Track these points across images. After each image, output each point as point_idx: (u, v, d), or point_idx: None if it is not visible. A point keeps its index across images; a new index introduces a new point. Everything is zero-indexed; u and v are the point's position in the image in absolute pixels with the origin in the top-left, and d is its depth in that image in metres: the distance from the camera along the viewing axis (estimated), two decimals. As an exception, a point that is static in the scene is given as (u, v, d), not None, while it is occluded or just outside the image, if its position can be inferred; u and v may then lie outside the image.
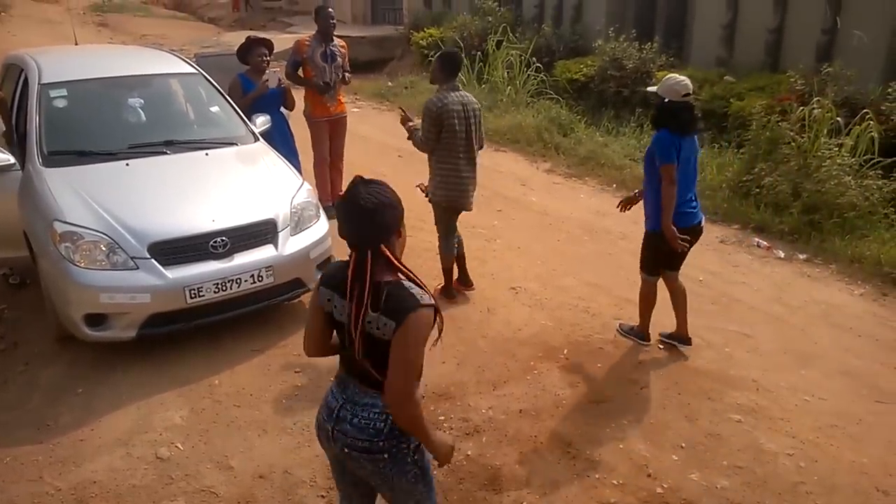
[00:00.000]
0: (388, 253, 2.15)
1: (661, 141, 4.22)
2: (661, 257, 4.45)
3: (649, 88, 4.67)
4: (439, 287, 5.21)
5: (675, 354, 4.52)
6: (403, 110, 5.14)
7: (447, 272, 5.18)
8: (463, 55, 11.76)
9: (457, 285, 5.27)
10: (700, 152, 4.44)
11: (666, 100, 4.24)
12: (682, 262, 4.52)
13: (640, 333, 4.68)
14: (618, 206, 4.80)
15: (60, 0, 27.71)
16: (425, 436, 2.21)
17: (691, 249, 4.38)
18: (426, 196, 5.11)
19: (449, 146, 4.83)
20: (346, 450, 2.26)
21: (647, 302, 4.61)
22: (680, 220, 4.24)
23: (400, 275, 2.17)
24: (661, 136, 4.23)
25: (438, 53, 5.03)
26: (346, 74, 6.69)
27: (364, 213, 2.12)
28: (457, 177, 4.90)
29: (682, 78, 4.28)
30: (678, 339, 4.62)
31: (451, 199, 4.98)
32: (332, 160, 6.84)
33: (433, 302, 2.14)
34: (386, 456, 2.23)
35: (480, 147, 5.07)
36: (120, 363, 4.31)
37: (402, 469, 2.27)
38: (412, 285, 2.15)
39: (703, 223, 4.45)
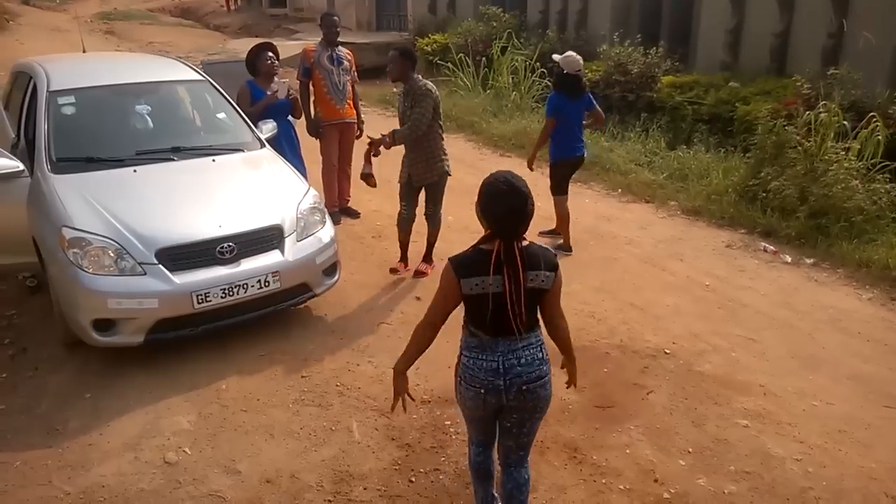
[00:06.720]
0: None
1: (551, 101, 5.89)
2: (555, 182, 6.06)
3: (554, 56, 5.94)
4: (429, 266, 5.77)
5: (681, 360, 4.52)
6: (371, 138, 5.35)
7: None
8: (469, 60, 12.01)
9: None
10: (595, 106, 6.10)
11: (565, 71, 5.71)
12: (566, 187, 6.10)
13: (564, 247, 6.11)
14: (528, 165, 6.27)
15: (68, 8, 27.96)
16: (571, 344, 2.87)
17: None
18: (378, 145, 5.26)
19: (436, 125, 5.33)
20: (523, 387, 2.62)
21: (564, 217, 6.10)
22: (568, 152, 5.97)
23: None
24: (552, 98, 5.88)
25: (396, 51, 5.30)
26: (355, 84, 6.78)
27: (526, 204, 2.50)
28: (443, 149, 5.45)
29: (579, 58, 5.81)
30: (562, 248, 6.07)
31: (445, 169, 5.48)
32: (341, 165, 6.86)
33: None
34: (549, 376, 2.71)
35: None
36: (128, 368, 4.33)
37: (550, 387, 2.74)
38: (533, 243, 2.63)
39: (584, 155, 6.12)
